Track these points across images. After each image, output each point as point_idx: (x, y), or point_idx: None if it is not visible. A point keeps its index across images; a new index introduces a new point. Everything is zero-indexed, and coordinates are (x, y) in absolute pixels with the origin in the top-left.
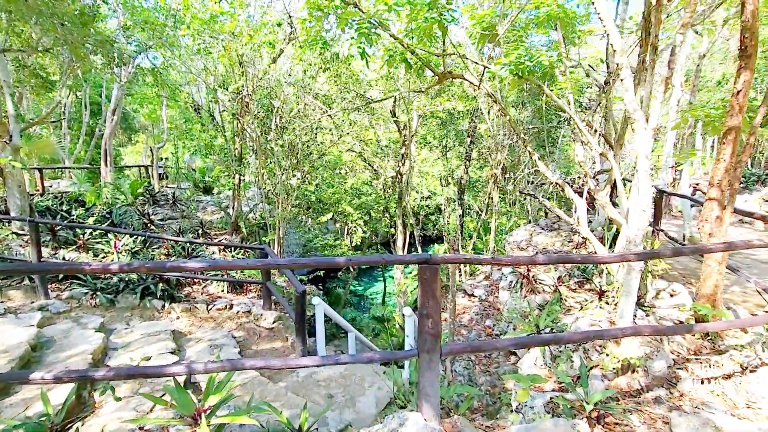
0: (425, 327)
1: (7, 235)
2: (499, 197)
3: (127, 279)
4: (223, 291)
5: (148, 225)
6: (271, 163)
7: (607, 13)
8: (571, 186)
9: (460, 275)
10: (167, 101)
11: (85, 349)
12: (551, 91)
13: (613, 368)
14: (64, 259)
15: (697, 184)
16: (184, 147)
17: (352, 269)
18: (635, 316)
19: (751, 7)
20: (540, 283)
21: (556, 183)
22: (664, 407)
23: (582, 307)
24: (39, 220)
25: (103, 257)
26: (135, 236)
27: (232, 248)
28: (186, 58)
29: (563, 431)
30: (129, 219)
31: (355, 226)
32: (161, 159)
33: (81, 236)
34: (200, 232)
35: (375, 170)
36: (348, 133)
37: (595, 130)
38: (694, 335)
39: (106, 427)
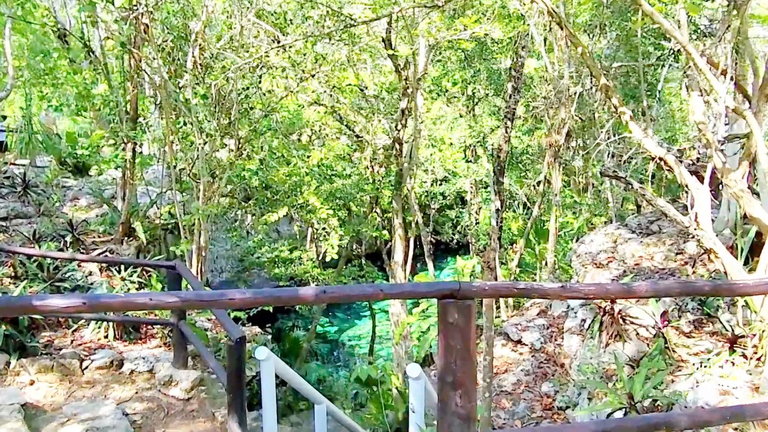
0: (451, 403)
1: None
2: (563, 181)
3: None
4: (107, 338)
5: None
6: (185, 124)
7: None
8: (681, 161)
9: (498, 309)
10: (12, 22)
11: None
12: (651, 5)
13: None
14: None
15: None
16: (41, 98)
17: None
18: None
19: None
20: (631, 322)
21: (659, 158)
22: None
23: (703, 363)
24: None
25: None
26: None
27: (122, 267)
28: None
29: None
30: None
31: (325, 229)
32: (3, 118)
33: None
34: (69, 239)
35: (357, 136)
36: (313, 76)
37: (723, 71)
38: None
39: None
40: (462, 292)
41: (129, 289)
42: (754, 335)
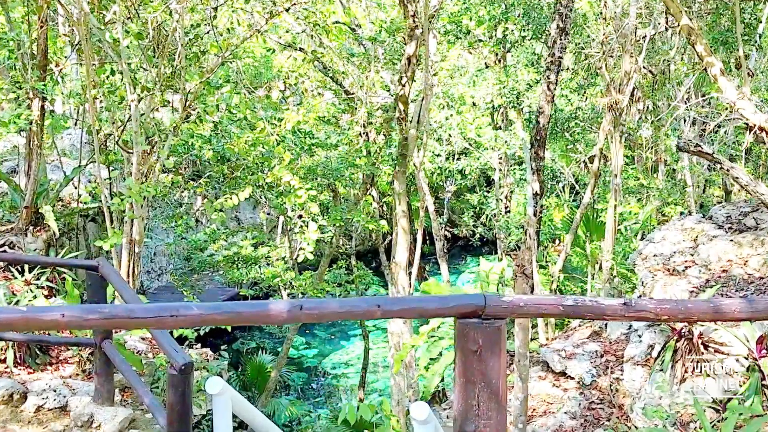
0: None
1: None
2: (625, 156)
3: None
4: (4, 362)
5: None
6: (113, 74)
7: None
8: None
9: (535, 329)
10: None
11: None
12: None
13: None
14: None
15: None
16: None
17: None
18: None
19: None
20: (716, 350)
21: (758, 127)
22: None
23: None
24: None
25: None
26: None
27: (26, 267)
28: None
29: None
30: None
31: (302, 218)
32: None
33: None
34: None
35: (347, 93)
36: (288, 10)
37: None
38: None
39: None
40: (489, 309)
41: (35, 297)
42: None
